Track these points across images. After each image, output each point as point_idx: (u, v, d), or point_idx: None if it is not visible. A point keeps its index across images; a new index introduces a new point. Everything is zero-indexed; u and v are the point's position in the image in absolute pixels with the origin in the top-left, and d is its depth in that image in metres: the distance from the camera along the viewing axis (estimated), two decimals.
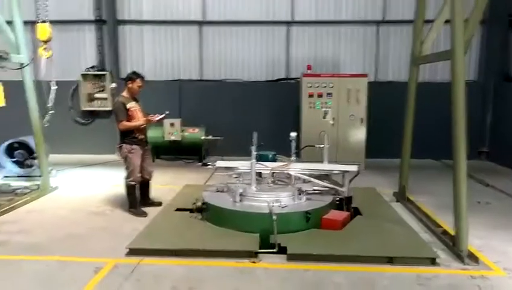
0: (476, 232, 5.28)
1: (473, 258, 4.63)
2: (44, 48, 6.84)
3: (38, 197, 7.10)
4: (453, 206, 4.91)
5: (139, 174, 6.24)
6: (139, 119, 6.15)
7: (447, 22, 5.58)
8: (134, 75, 6.16)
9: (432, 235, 5.45)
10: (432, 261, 4.58)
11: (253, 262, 4.54)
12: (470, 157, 4.96)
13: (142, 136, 6.24)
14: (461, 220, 4.79)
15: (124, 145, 6.11)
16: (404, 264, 4.52)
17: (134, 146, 6.09)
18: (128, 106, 6.06)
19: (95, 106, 11.06)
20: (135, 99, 6.28)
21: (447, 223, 5.50)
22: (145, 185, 6.52)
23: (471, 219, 4.94)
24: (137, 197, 6.35)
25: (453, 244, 4.88)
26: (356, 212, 5.99)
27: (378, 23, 10.84)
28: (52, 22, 7.04)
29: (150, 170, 6.50)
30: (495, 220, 6.05)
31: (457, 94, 4.85)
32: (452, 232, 5.01)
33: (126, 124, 6.03)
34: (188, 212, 5.84)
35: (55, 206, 6.68)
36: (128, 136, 6.10)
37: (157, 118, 6.19)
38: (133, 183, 6.17)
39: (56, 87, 7.02)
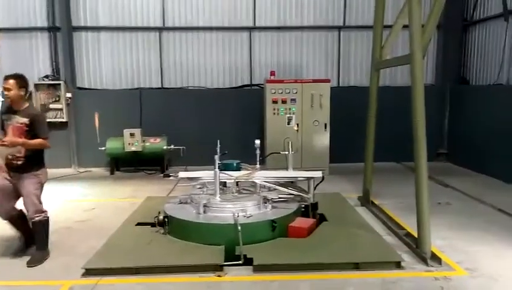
0: (438, 233, 5.38)
1: (436, 259, 4.70)
2: None
3: None
4: (415, 208, 4.97)
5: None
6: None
7: (405, 27, 5.68)
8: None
9: (396, 238, 5.49)
10: (397, 265, 4.62)
11: (219, 276, 4.41)
12: (429, 159, 5.07)
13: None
14: (423, 222, 4.86)
15: None
16: (370, 269, 4.53)
17: None
18: (3, 117, 4.95)
19: (50, 117, 10.56)
20: (15, 111, 4.84)
21: (410, 225, 5.55)
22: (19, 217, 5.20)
23: (433, 220, 5.01)
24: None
25: (417, 246, 4.94)
26: (322, 218, 5.97)
27: (339, 28, 10.93)
28: (2, 30, 6.62)
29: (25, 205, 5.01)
30: (456, 221, 6.17)
31: (417, 97, 4.93)
32: (415, 234, 5.06)
33: None
34: (150, 226, 5.61)
35: (3, 223, 6.26)
36: None
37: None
38: None
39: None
